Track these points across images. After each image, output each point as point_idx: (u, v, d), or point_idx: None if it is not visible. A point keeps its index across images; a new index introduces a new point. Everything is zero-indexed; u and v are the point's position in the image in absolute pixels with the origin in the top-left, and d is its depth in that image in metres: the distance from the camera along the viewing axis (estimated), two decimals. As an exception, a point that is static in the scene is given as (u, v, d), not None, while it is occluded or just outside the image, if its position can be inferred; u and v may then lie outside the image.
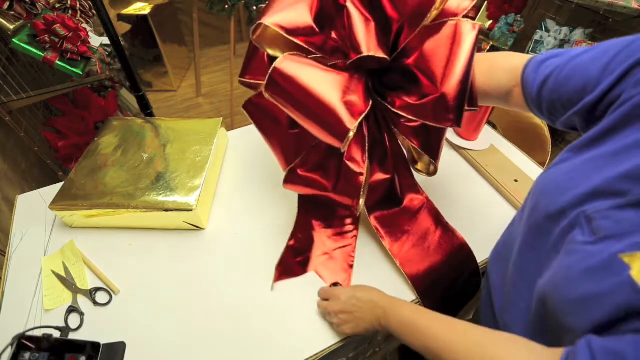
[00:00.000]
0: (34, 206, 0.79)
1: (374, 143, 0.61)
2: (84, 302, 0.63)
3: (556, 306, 0.38)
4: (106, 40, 1.29)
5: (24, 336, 0.53)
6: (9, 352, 0.52)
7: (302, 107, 0.52)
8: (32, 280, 0.66)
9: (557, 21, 1.64)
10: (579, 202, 0.37)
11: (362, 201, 0.62)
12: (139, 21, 2.18)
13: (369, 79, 0.57)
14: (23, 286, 0.65)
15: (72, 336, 0.58)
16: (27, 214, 0.78)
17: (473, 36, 0.48)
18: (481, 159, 0.87)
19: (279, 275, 0.65)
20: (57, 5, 1.24)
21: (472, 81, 0.50)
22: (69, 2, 1.26)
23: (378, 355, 0.77)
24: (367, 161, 0.59)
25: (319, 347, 0.58)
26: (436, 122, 0.51)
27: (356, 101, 0.52)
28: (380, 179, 0.64)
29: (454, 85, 0.48)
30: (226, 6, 1.79)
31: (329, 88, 0.51)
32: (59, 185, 0.75)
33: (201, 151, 0.80)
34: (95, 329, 0.60)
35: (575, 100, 0.42)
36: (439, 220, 0.70)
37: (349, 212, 0.72)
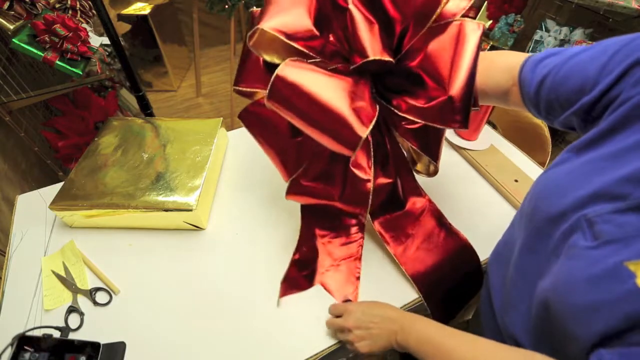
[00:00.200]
0: (34, 206, 0.79)
1: (376, 147, 0.60)
2: (84, 302, 0.63)
3: (560, 313, 0.37)
4: (106, 40, 1.29)
5: (24, 336, 0.53)
6: (9, 352, 0.52)
7: (308, 116, 0.50)
8: (32, 280, 0.66)
9: (557, 21, 1.64)
10: (579, 205, 0.37)
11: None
12: (139, 21, 2.18)
13: (372, 82, 0.55)
14: (23, 286, 0.65)
15: (72, 336, 0.58)
16: (27, 214, 0.78)
17: (477, 36, 0.47)
18: (481, 159, 0.86)
19: (285, 290, 0.63)
20: (57, 5, 1.24)
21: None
22: (69, 2, 1.27)
23: (378, 355, 0.77)
24: (372, 167, 0.57)
25: (319, 347, 0.57)
26: (444, 124, 0.50)
27: (364, 107, 0.50)
28: (382, 183, 0.63)
29: (461, 87, 0.47)
30: (226, 6, 1.79)
31: (336, 95, 0.49)
32: (59, 185, 0.75)
33: (201, 151, 0.80)
34: (95, 329, 0.60)
35: (572, 100, 0.42)
36: (441, 222, 0.70)
37: (355, 219, 0.70)
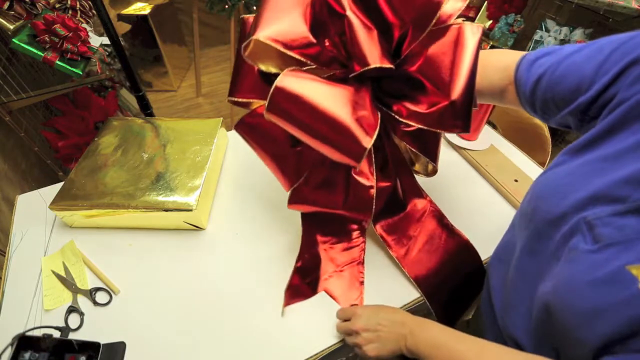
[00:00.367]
0: (34, 206, 0.79)
1: (375, 151, 0.59)
2: (84, 302, 0.63)
3: (562, 316, 0.37)
4: (106, 40, 1.29)
5: (24, 336, 0.53)
6: (9, 352, 0.52)
7: (310, 127, 0.48)
8: (32, 280, 0.66)
9: (557, 21, 1.64)
10: (579, 207, 0.37)
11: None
12: (139, 21, 2.18)
13: (372, 89, 0.54)
14: (23, 286, 0.65)
15: (72, 336, 0.58)
16: (27, 214, 0.78)
17: (476, 39, 0.47)
18: (481, 159, 0.87)
19: (289, 299, 0.62)
20: (57, 5, 1.24)
21: None
22: (69, 2, 1.27)
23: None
24: (375, 173, 0.56)
25: (319, 347, 0.57)
26: (446, 129, 0.49)
27: (367, 116, 0.49)
28: (382, 186, 0.62)
29: (462, 91, 0.46)
30: (226, 6, 1.80)
31: (338, 105, 0.47)
32: (59, 185, 0.75)
33: (201, 151, 0.80)
34: (95, 329, 0.60)
35: (568, 100, 0.42)
36: (443, 222, 0.70)
37: (357, 225, 0.70)
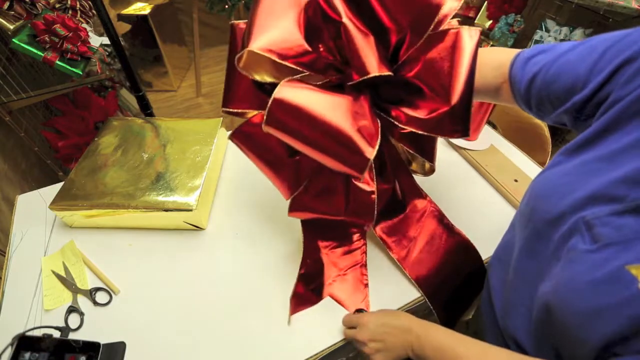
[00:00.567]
0: (34, 206, 0.79)
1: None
2: (84, 302, 0.63)
3: (562, 317, 0.37)
4: (106, 40, 1.29)
5: (24, 336, 0.53)
6: (9, 352, 0.52)
7: (311, 139, 0.47)
8: (32, 280, 0.66)
9: (557, 21, 1.64)
10: (577, 208, 0.37)
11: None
12: (139, 21, 2.18)
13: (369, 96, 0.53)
14: (23, 286, 0.65)
15: (72, 336, 0.58)
16: (27, 214, 0.78)
17: (474, 43, 0.46)
18: (481, 159, 0.87)
19: (295, 307, 0.61)
20: (57, 5, 1.24)
21: None
22: (69, 2, 1.27)
23: None
24: (375, 178, 0.56)
25: (319, 347, 0.58)
26: (445, 135, 0.49)
27: (368, 125, 0.48)
28: (381, 189, 0.61)
29: (461, 97, 0.46)
30: (226, 6, 1.80)
31: (339, 116, 0.46)
32: (59, 185, 0.75)
33: (201, 151, 0.80)
34: (95, 329, 0.60)
35: (563, 99, 0.42)
36: (444, 222, 0.70)
37: (357, 228, 0.69)
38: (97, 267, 0.68)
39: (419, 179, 0.71)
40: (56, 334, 0.57)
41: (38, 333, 0.54)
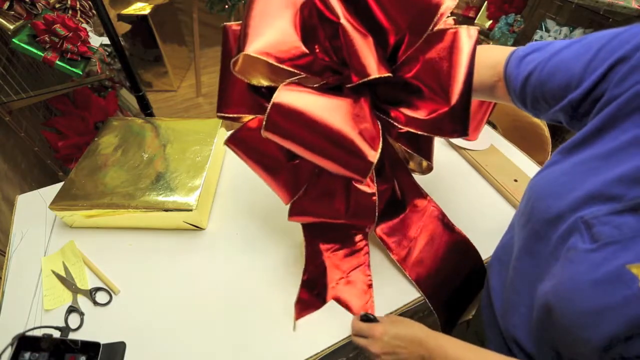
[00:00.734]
0: (34, 206, 0.79)
1: None
2: (84, 302, 0.63)
3: (563, 317, 0.37)
4: (106, 40, 1.29)
5: (24, 336, 0.53)
6: (9, 352, 0.52)
7: (312, 144, 0.47)
8: (32, 280, 0.66)
9: (557, 21, 1.64)
10: (576, 207, 0.37)
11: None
12: (139, 21, 2.18)
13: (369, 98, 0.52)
14: (23, 286, 0.65)
15: (72, 336, 0.58)
16: (27, 214, 0.78)
17: (472, 43, 0.46)
18: (481, 159, 0.87)
19: (299, 312, 0.61)
20: (57, 5, 1.24)
21: None
22: (69, 2, 1.27)
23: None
24: (375, 179, 0.55)
25: (319, 347, 0.57)
26: (445, 134, 0.48)
27: (369, 128, 0.47)
28: (381, 189, 0.61)
29: (460, 97, 0.45)
30: (226, 6, 1.80)
31: (340, 119, 0.45)
32: (59, 185, 0.75)
33: (201, 151, 0.80)
34: (95, 329, 0.60)
35: (558, 97, 0.42)
36: (444, 222, 0.69)
37: (359, 230, 0.69)
38: (97, 267, 0.68)
39: (418, 179, 0.71)
40: (56, 334, 0.57)
41: (38, 333, 0.54)
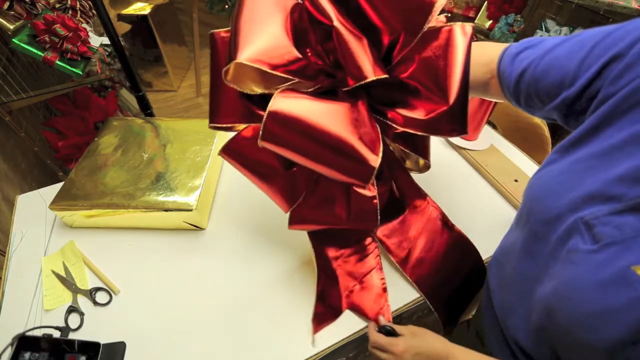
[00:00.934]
0: (34, 206, 0.79)
1: None
2: (84, 302, 0.63)
3: (565, 320, 0.37)
4: (106, 40, 1.29)
5: (24, 336, 0.53)
6: (9, 352, 0.52)
7: (311, 152, 0.45)
8: (32, 280, 0.66)
9: (557, 21, 1.64)
10: (575, 207, 0.37)
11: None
12: (139, 21, 2.18)
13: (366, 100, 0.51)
14: (23, 286, 0.65)
15: (72, 336, 0.58)
16: (27, 214, 0.78)
17: (467, 40, 0.46)
18: (481, 159, 0.87)
19: (317, 326, 0.59)
20: (57, 5, 1.24)
21: None
22: (69, 2, 1.27)
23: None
24: (375, 182, 0.54)
25: (319, 347, 0.57)
26: (444, 134, 0.48)
27: (368, 132, 0.46)
28: (379, 191, 0.59)
29: (458, 95, 0.45)
30: (226, 6, 1.80)
31: (339, 125, 0.44)
32: (59, 185, 0.75)
33: (201, 151, 0.80)
34: (95, 329, 0.60)
35: (552, 95, 0.42)
36: (444, 222, 0.69)
37: (365, 234, 0.68)
38: (97, 267, 0.68)
39: (419, 178, 0.71)
40: (56, 334, 0.57)
41: (38, 333, 0.54)
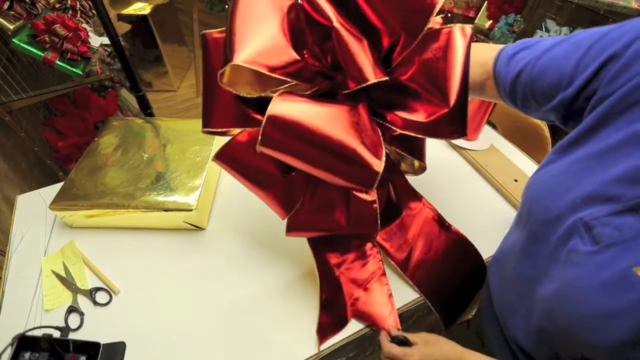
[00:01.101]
0: (34, 206, 0.79)
1: None
2: (84, 302, 0.63)
3: (566, 321, 0.36)
4: (106, 40, 1.29)
5: (24, 336, 0.53)
6: (9, 352, 0.52)
7: (313, 157, 0.44)
8: (32, 280, 0.66)
9: (557, 21, 1.64)
10: (574, 208, 0.37)
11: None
12: (139, 21, 2.18)
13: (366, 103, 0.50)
14: (23, 286, 0.65)
15: (72, 336, 0.58)
16: (27, 214, 0.78)
17: (466, 41, 0.45)
18: (481, 159, 0.87)
19: (322, 337, 0.58)
20: (57, 5, 1.24)
21: None
22: (69, 2, 1.27)
23: (378, 354, 0.77)
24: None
25: (319, 347, 0.57)
26: (445, 136, 0.47)
27: (370, 135, 0.45)
28: (378, 195, 0.57)
29: (458, 97, 0.44)
30: (226, 6, 1.80)
31: (340, 129, 0.43)
32: (59, 185, 0.75)
33: (201, 151, 0.80)
34: (95, 329, 0.60)
35: (549, 96, 0.42)
36: (441, 223, 0.69)
37: (365, 239, 0.67)
38: (97, 267, 0.68)
39: (419, 178, 0.71)
40: (56, 334, 0.57)
41: (38, 333, 0.54)
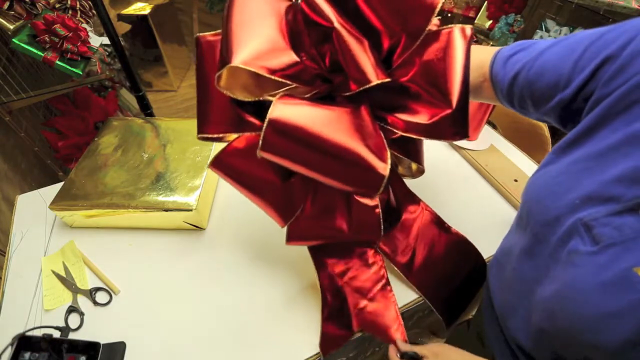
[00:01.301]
0: (34, 206, 0.79)
1: None
2: (84, 302, 0.63)
3: (567, 322, 0.36)
4: (106, 40, 1.29)
5: (24, 336, 0.53)
6: (9, 352, 0.52)
7: (316, 162, 0.44)
8: (32, 280, 0.66)
9: (557, 21, 1.64)
10: (573, 209, 0.37)
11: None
12: (139, 21, 2.18)
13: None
14: (23, 286, 0.65)
15: (72, 336, 0.58)
16: (27, 214, 0.78)
17: (466, 42, 0.45)
18: (481, 159, 0.87)
19: (326, 350, 0.57)
20: (57, 5, 1.24)
21: None
22: (69, 2, 1.27)
23: (378, 354, 0.77)
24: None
25: (319, 348, 0.57)
26: (447, 138, 0.46)
27: (374, 137, 0.44)
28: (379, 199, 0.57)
29: (459, 98, 0.44)
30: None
31: (344, 133, 0.42)
32: (59, 185, 0.75)
33: (201, 151, 0.80)
34: (95, 329, 0.60)
35: (547, 97, 0.42)
36: (441, 225, 0.69)
37: (368, 246, 0.65)
38: (97, 267, 0.68)
39: (420, 179, 0.71)
40: (56, 334, 0.57)
41: (38, 333, 0.54)
